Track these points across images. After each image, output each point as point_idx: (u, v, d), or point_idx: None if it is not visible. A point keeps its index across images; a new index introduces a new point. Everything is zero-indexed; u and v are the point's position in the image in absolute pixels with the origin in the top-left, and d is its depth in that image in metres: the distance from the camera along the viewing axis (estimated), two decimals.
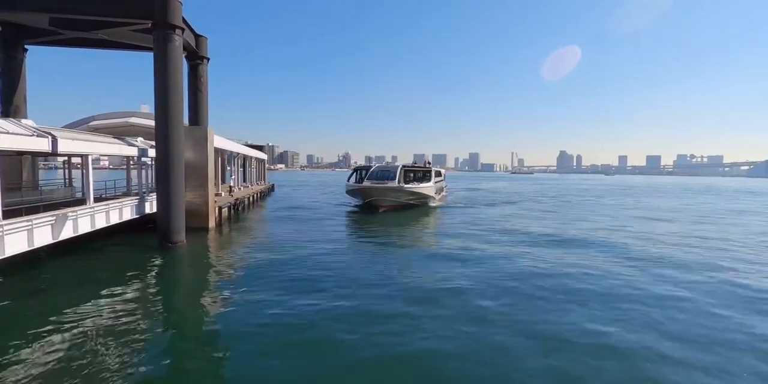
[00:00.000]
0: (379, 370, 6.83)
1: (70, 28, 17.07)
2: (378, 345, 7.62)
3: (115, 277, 11.82)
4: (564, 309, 9.70)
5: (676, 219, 29.61)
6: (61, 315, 8.74)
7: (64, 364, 6.69)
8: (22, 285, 10.67)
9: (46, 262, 12.91)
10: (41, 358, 6.84)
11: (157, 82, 15.85)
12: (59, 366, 6.62)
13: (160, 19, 15.62)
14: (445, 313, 9.26)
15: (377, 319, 8.86)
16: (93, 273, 12.53)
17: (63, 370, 6.51)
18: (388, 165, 33.62)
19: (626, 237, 20.56)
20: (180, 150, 16.47)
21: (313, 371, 6.73)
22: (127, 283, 11.12)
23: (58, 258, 13.35)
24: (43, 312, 8.88)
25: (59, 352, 7.09)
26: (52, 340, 7.53)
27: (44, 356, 6.91)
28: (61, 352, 7.06)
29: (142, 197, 16.47)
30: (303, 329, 8.33)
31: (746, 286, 11.89)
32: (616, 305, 10.07)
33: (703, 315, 9.52)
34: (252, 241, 18.33)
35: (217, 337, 8.12)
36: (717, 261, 15.24)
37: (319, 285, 11.27)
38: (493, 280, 12.04)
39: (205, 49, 20.77)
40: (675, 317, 9.32)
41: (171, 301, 10.49)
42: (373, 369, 6.85)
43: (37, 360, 6.76)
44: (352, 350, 7.44)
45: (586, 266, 13.91)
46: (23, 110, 19.10)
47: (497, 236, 20.26)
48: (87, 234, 13.87)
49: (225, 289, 11.30)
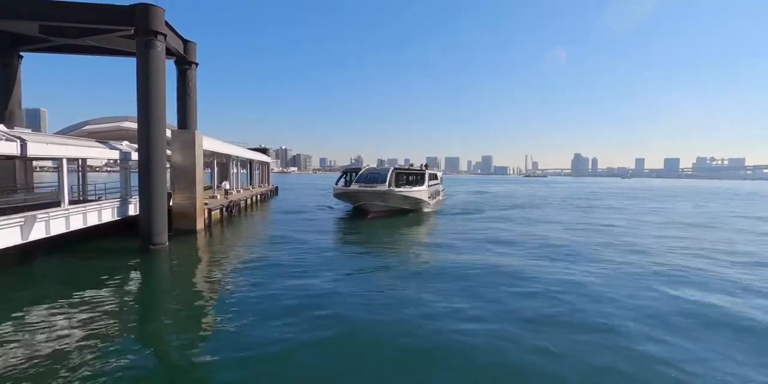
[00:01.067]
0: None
1: (58, 35, 17.60)
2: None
3: (88, 279, 12.11)
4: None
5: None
6: (23, 316, 8.96)
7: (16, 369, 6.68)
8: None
9: (23, 262, 13.29)
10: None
11: (140, 87, 16.22)
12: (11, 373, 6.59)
13: (142, 26, 16.01)
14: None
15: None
16: (66, 275, 12.86)
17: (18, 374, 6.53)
18: (379, 167, 31.60)
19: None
20: (162, 153, 16.77)
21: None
22: (99, 286, 11.29)
23: (36, 258, 13.76)
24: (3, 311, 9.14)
25: (14, 356, 7.10)
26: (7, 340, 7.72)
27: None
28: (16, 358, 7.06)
29: (124, 199, 16.78)
30: (272, 338, 8.17)
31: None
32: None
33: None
34: (237, 245, 18.48)
35: (182, 344, 8.10)
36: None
37: (291, 296, 10.78)
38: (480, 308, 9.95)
39: (194, 55, 21.14)
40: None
41: (140, 304, 10.51)
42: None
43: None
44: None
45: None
46: (18, 115, 19.71)
47: (486, 249, 17.82)
48: (70, 235, 14.29)
49: (199, 293, 11.46)
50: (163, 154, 16.94)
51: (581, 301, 10.69)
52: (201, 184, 21.48)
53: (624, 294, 11.31)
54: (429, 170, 39.56)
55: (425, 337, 8.30)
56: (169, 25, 18.19)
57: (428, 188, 31.08)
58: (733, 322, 9.45)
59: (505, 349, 7.72)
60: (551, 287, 11.87)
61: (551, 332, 8.57)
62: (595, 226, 26.18)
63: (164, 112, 16.96)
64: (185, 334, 8.48)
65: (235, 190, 35.75)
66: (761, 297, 11.36)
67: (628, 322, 9.21)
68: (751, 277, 13.48)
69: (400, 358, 7.44)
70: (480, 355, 7.47)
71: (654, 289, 11.83)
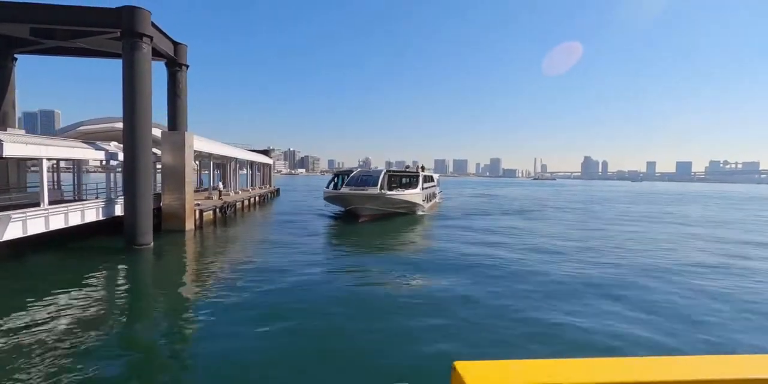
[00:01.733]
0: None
1: (49, 37, 17.85)
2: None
3: (63, 276, 12.25)
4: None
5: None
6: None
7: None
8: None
9: (8, 258, 13.47)
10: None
11: (126, 88, 16.39)
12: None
13: (127, 28, 16.17)
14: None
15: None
16: (43, 272, 13.01)
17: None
18: (370, 170, 31.17)
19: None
20: (147, 153, 16.89)
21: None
22: (72, 284, 11.39)
23: (25, 255, 13.97)
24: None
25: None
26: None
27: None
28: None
29: (110, 199, 16.94)
30: (250, 340, 8.14)
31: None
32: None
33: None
34: (224, 246, 18.55)
35: (157, 342, 8.13)
36: None
37: (266, 300, 10.65)
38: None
39: (185, 57, 21.31)
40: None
41: (108, 303, 10.51)
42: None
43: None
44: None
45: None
46: (12, 116, 20.02)
47: (475, 259, 15.97)
48: (64, 232, 14.59)
49: (173, 294, 11.51)
50: (149, 155, 17.06)
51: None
52: (191, 185, 21.62)
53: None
54: (424, 172, 39.37)
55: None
56: (158, 28, 18.37)
57: (422, 191, 30.51)
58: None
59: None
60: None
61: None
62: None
63: (150, 114, 17.10)
64: (150, 335, 8.49)
65: (233, 192, 35.96)
66: None
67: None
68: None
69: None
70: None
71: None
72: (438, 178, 48.10)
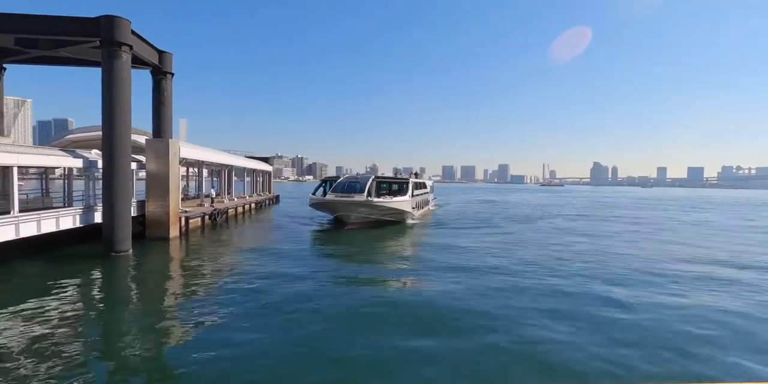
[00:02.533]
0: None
1: (33, 47, 18.13)
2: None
3: (38, 284, 12.23)
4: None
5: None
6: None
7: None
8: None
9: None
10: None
11: (104, 96, 16.51)
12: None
13: (106, 37, 16.35)
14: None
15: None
16: (17, 281, 13.00)
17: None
18: (359, 175, 30.09)
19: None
20: (125, 161, 16.96)
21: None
22: (47, 292, 11.36)
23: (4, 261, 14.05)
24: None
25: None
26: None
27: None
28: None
29: (89, 207, 16.99)
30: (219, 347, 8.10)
31: None
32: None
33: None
34: (207, 253, 18.32)
35: (125, 350, 8.05)
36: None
37: (242, 310, 10.42)
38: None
39: (170, 65, 21.50)
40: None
41: (80, 311, 10.32)
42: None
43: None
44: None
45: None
46: (0, 124, 20.28)
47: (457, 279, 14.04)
48: (44, 238, 14.83)
49: (143, 303, 11.48)
50: (128, 162, 17.12)
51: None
52: (176, 192, 21.65)
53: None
54: (417, 179, 38.59)
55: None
56: (140, 36, 18.59)
57: (412, 198, 29.69)
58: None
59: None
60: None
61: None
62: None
63: (129, 121, 17.21)
64: (114, 343, 8.44)
65: (227, 199, 36.08)
66: None
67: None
68: None
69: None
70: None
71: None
72: (432, 185, 47.59)
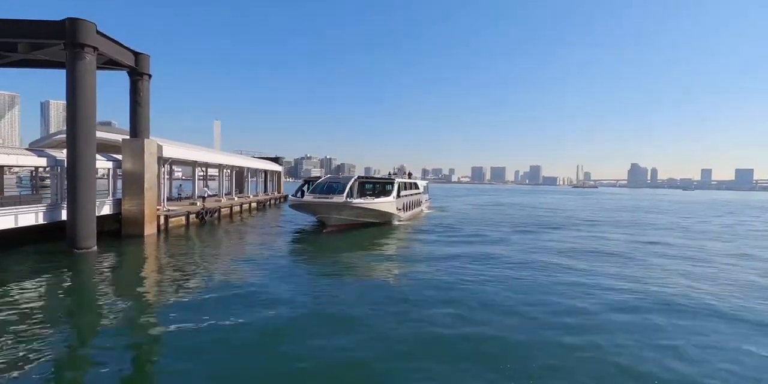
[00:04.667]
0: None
1: (13, 50, 18.87)
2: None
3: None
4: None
5: None
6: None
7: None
8: None
9: None
10: None
11: (69, 96, 16.97)
12: None
13: (70, 39, 16.80)
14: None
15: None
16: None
17: None
18: (340, 176, 29.56)
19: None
20: (89, 159, 17.37)
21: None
22: (6, 289, 11.68)
23: None
24: None
25: None
26: None
27: None
28: None
29: (56, 204, 17.53)
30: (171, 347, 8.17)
31: None
32: None
33: None
34: (179, 253, 18.07)
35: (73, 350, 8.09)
36: None
37: (187, 315, 10.02)
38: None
39: (147, 67, 21.92)
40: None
41: (22, 305, 10.44)
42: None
43: None
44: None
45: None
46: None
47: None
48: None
49: (105, 298, 11.54)
50: (92, 160, 17.54)
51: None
52: (152, 191, 22.04)
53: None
54: (407, 179, 37.90)
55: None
56: (111, 39, 19.02)
57: (397, 199, 28.56)
58: None
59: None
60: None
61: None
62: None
63: (94, 120, 17.65)
64: (56, 342, 8.31)
65: (225, 198, 36.67)
66: None
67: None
68: None
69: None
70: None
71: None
72: (426, 186, 46.62)
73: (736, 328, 9.76)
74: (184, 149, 28.18)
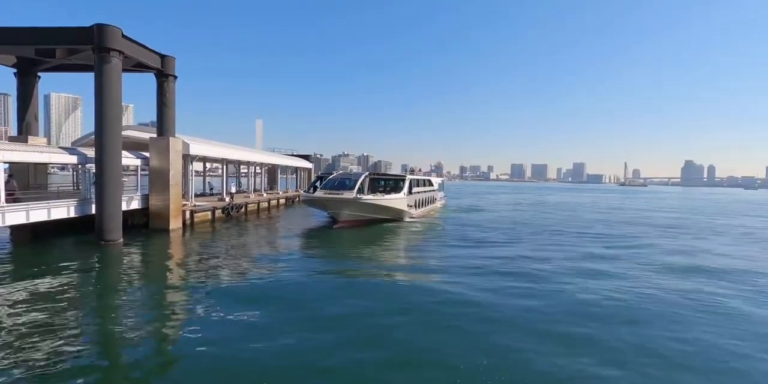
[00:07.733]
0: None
1: (52, 56, 20.39)
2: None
3: (21, 269, 13.95)
4: None
5: None
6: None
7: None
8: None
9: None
10: None
11: (96, 96, 18.13)
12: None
13: (97, 44, 17.89)
14: None
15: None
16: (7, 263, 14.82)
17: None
18: (351, 172, 30.07)
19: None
20: (116, 156, 18.47)
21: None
22: (32, 275, 12.80)
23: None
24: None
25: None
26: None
27: None
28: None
29: (86, 198, 18.78)
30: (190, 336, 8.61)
31: None
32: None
33: None
34: (202, 246, 18.96)
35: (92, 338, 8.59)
36: None
37: (203, 309, 10.40)
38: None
39: (172, 68, 22.99)
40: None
41: (48, 293, 11.17)
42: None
43: None
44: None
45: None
46: (34, 127, 23.06)
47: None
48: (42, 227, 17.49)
49: (126, 289, 12.21)
50: (118, 158, 18.63)
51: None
52: (177, 187, 23.12)
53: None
54: (421, 176, 37.99)
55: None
56: (137, 43, 20.12)
57: (407, 196, 28.56)
58: None
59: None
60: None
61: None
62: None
63: (120, 119, 18.76)
64: (68, 333, 8.70)
65: (253, 194, 37.83)
66: None
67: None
68: None
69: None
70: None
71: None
72: (441, 183, 46.33)
73: None
74: (211, 147, 29.28)
